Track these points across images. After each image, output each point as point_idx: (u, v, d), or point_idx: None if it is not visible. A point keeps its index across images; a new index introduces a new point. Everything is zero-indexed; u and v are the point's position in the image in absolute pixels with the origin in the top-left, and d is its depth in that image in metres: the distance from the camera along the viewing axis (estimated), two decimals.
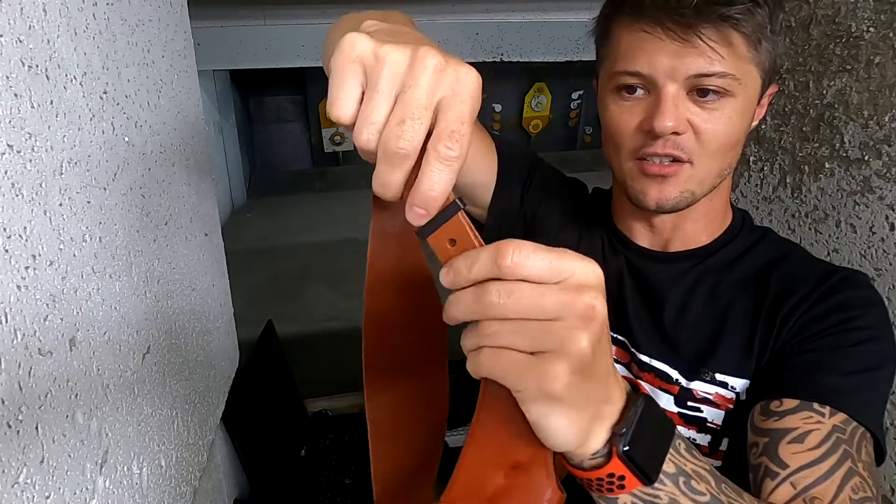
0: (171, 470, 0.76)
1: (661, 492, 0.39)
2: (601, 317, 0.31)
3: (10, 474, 0.42)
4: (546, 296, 0.30)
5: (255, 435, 1.24)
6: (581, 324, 0.31)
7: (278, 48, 3.80)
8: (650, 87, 0.61)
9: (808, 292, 0.63)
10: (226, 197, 5.87)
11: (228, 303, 1.13)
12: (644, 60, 0.59)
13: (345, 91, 0.32)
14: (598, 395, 0.34)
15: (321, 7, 3.60)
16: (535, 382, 0.31)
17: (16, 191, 0.45)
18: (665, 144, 0.60)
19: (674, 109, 0.59)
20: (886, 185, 0.94)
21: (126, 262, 0.65)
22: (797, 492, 0.52)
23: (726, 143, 0.61)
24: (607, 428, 0.36)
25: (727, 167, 0.65)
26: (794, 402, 0.56)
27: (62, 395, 0.50)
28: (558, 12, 4.02)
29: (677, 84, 0.59)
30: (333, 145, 7.19)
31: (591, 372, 0.32)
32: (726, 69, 0.58)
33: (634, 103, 0.62)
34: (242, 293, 1.40)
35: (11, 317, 0.43)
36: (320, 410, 1.66)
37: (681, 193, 0.63)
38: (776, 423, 0.56)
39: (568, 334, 0.31)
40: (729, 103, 0.59)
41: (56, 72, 0.52)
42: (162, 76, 0.81)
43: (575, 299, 0.31)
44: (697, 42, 0.57)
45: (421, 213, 0.32)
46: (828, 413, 0.55)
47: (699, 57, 0.57)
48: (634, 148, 0.63)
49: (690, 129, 0.60)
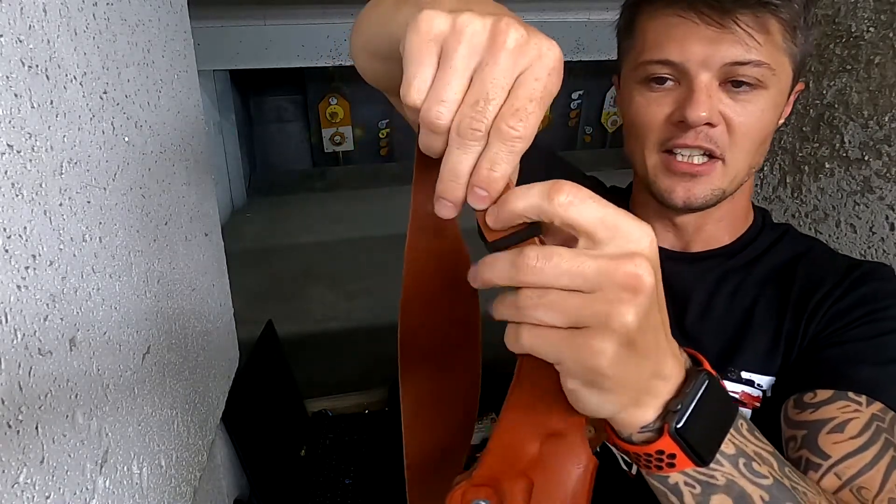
0: (171, 470, 0.76)
1: (717, 472, 0.37)
2: (648, 288, 0.28)
3: (10, 474, 0.42)
4: (587, 263, 0.28)
5: (255, 435, 1.24)
6: (626, 295, 0.28)
7: (278, 48, 3.80)
8: (681, 77, 0.57)
9: (833, 285, 0.62)
10: (226, 197, 5.86)
11: (228, 303, 1.13)
12: (676, 48, 0.56)
13: (422, 72, 0.29)
14: (646, 370, 0.32)
15: (321, 7, 3.60)
16: (576, 357, 0.29)
17: (16, 191, 0.45)
18: (697, 136, 0.57)
19: (707, 100, 0.56)
20: (886, 185, 0.94)
21: (126, 262, 0.65)
22: (843, 482, 0.50)
23: (758, 139, 0.59)
24: (660, 403, 0.34)
25: (756, 164, 0.62)
26: (829, 393, 0.54)
27: (62, 395, 0.50)
28: (558, 12, 4.02)
29: (711, 73, 0.56)
30: (333, 145, 7.18)
31: (638, 347, 0.30)
32: (763, 58, 0.55)
33: (664, 94, 0.59)
34: (242, 293, 1.40)
35: (11, 317, 0.43)
36: (320, 410, 1.66)
37: (711, 192, 0.60)
38: (813, 415, 0.54)
39: (610, 308, 0.28)
40: (762, 96, 0.57)
41: (56, 72, 0.52)
42: (162, 76, 0.81)
43: (618, 268, 0.28)
44: (734, 28, 0.54)
45: (483, 195, 0.30)
46: (864, 402, 0.53)
47: (736, 44, 0.54)
48: (662, 140, 0.60)
49: (723, 121, 0.57)
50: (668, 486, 0.37)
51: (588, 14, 4.09)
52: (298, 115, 7.33)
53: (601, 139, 7.71)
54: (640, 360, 0.31)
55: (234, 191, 6.15)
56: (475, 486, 0.35)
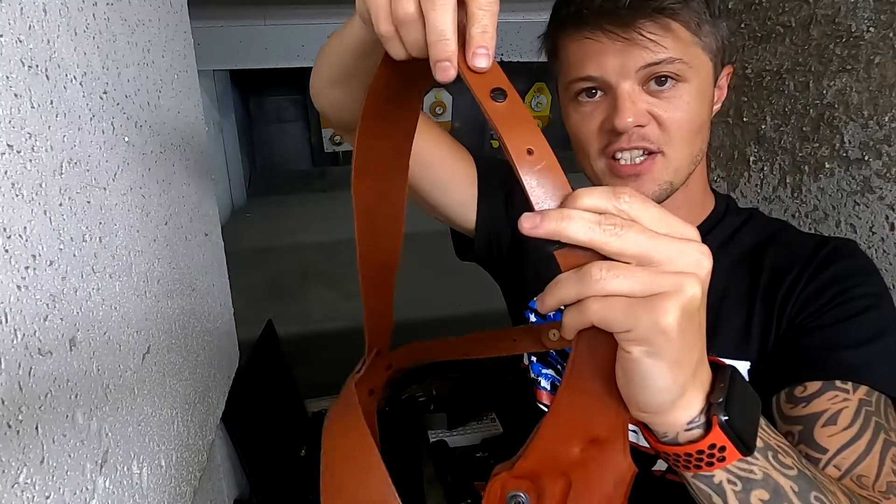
0: (171, 470, 0.76)
1: (754, 466, 0.38)
2: (707, 273, 0.32)
3: (10, 474, 0.42)
4: (660, 237, 0.31)
5: (255, 435, 1.24)
6: (694, 269, 0.31)
7: (278, 48, 3.80)
8: (606, 88, 0.62)
9: (802, 267, 0.63)
10: (226, 197, 5.86)
11: (228, 303, 1.13)
12: (593, 65, 0.61)
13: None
14: (698, 349, 0.34)
15: (321, 7, 3.60)
16: (647, 317, 0.30)
17: (16, 191, 0.45)
18: (631, 139, 0.61)
19: (632, 105, 0.60)
20: (886, 185, 0.94)
21: (126, 262, 0.65)
22: (843, 473, 0.52)
23: (691, 129, 0.62)
24: (703, 396, 0.35)
25: (698, 152, 0.65)
26: (818, 385, 0.56)
27: (62, 395, 0.50)
28: None
29: (630, 80, 0.60)
30: (333, 145, 7.18)
31: (696, 322, 0.32)
32: (673, 54, 0.58)
33: (594, 106, 0.63)
34: (242, 293, 1.40)
35: (11, 317, 0.43)
36: (320, 410, 1.66)
37: (659, 186, 0.63)
38: (805, 409, 0.56)
39: (681, 278, 0.31)
40: (685, 89, 0.60)
41: (56, 72, 0.52)
42: (162, 76, 0.81)
43: (688, 247, 0.32)
44: (638, 38, 0.58)
45: (483, 52, 0.34)
46: (851, 388, 0.55)
47: (644, 50, 0.58)
48: (601, 147, 0.64)
49: (653, 119, 0.61)
50: (712, 487, 0.38)
51: None
52: (298, 115, 7.34)
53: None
54: (696, 336, 0.33)
55: (234, 191, 6.15)
56: (516, 477, 0.35)
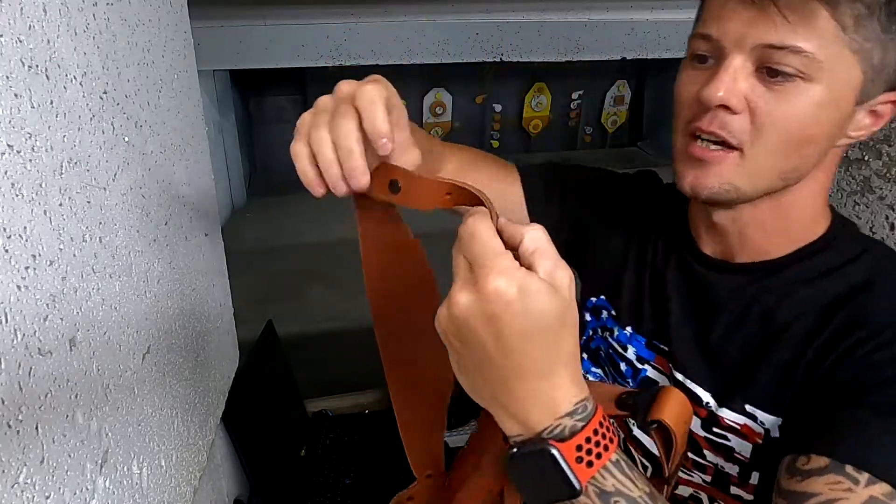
0: (171, 470, 0.76)
1: None
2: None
3: (10, 474, 0.42)
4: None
5: (255, 435, 1.24)
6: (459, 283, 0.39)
7: (278, 48, 3.79)
8: (719, 56, 0.54)
9: (879, 329, 0.52)
10: (226, 197, 5.84)
11: (228, 303, 1.13)
12: (715, 24, 0.53)
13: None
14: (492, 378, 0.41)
15: (321, 7, 3.60)
16: None
17: (16, 191, 0.45)
18: (711, 121, 0.53)
19: (730, 81, 0.51)
20: (886, 185, 0.94)
21: (126, 262, 0.65)
22: None
23: (790, 138, 0.52)
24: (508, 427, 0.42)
25: (792, 170, 0.55)
26: (824, 462, 0.46)
27: (62, 395, 0.50)
28: (558, 12, 4.02)
29: (744, 55, 0.51)
30: None
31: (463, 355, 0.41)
32: (802, 45, 0.49)
33: (701, 73, 0.55)
34: (242, 293, 1.40)
35: (11, 317, 0.43)
36: (320, 410, 1.66)
37: (720, 185, 0.55)
38: (797, 485, 0.46)
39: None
40: (805, 89, 0.50)
41: (56, 72, 0.52)
42: (162, 76, 0.81)
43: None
44: (772, 10, 0.49)
45: (384, 142, 0.41)
46: (864, 482, 0.44)
47: (770, 26, 0.49)
48: (686, 120, 0.56)
49: (747, 109, 0.52)
50: None
51: (588, 14, 4.08)
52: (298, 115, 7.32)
53: (601, 139, 7.70)
54: (477, 375, 0.43)
55: (234, 191, 6.14)
56: None
